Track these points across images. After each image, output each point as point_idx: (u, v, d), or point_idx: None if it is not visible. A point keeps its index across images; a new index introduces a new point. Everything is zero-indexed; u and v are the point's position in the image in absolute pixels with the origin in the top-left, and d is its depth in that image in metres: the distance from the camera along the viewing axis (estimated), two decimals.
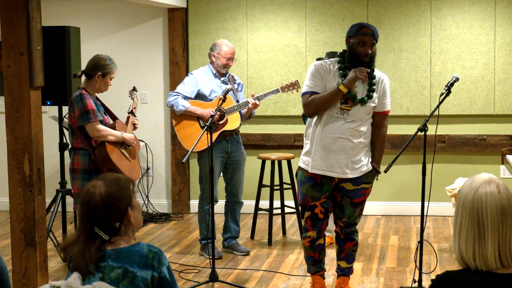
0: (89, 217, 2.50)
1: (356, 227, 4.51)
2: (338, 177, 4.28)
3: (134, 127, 5.01)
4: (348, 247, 4.50)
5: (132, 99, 5.11)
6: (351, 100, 4.20)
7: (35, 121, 4.04)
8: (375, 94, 4.26)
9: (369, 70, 4.18)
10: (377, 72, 4.31)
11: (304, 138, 4.42)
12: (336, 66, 4.26)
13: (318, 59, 5.83)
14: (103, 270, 2.46)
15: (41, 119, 4.12)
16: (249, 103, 5.52)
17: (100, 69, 4.71)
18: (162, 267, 2.49)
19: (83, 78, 4.84)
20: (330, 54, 5.73)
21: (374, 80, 4.27)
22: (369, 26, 4.20)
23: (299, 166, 4.41)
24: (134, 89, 5.20)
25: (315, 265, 4.51)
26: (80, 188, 4.67)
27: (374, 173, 4.35)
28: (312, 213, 4.36)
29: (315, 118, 4.29)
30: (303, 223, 4.46)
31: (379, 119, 4.34)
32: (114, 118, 4.95)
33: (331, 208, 4.40)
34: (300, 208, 4.49)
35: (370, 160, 4.34)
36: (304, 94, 4.28)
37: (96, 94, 4.84)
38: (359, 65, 4.17)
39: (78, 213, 2.58)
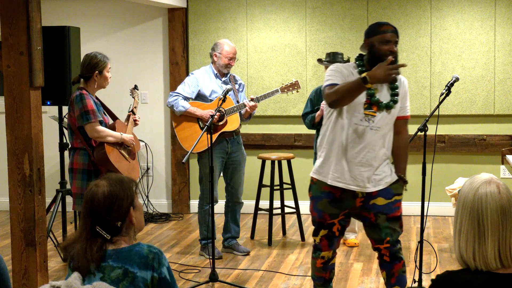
0: (91, 215, 2.51)
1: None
2: (361, 192, 3.83)
3: (135, 123, 4.99)
4: (397, 269, 4.01)
5: (133, 97, 5.09)
6: (375, 105, 3.76)
7: (35, 121, 4.04)
8: (399, 98, 3.86)
9: (403, 64, 3.68)
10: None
11: (319, 147, 3.95)
12: (357, 70, 3.82)
13: (318, 60, 5.84)
14: (104, 270, 2.46)
15: (41, 119, 4.12)
16: (246, 105, 5.52)
17: (95, 68, 4.69)
18: (162, 267, 2.49)
19: (81, 79, 4.83)
20: (331, 55, 5.73)
21: (396, 83, 3.86)
22: (390, 24, 3.83)
23: (314, 179, 3.93)
24: (136, 87, 5.17)
25: (324, 285, 4.11)
26: (80, 188, 4.66)
27: (402, 183, 3.92)
28: (330, 231, 3.92)
29: (333, 125, 3.85)
30: (315, 241, 4.01)
31: (400, 125, 3.92)
32: (114, 118, 4.94)
33: (347, 225, 3.99)
34: (314, 225, 3.99)
35: (393, 170, 3.92)
36: (325, 86, 3.77)
37: (96, 94, 4.83)
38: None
39: (81, 211, 2.58)
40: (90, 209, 2.52)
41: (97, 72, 4.69)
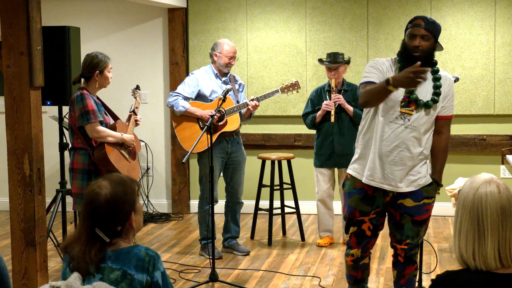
0: (91, 218, 2.49)
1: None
2: (392, 191, 3.79)
3: (136, 123, 4.99)
4: (409, 272, 3.96)
5: (135, 97, 5.09)
6: (413, 103, 3.67)
7: (35, 121, 4.04)
8: (440, 98, 3.73)
9: (427, 69, 3.51)
10: (441, 72, 3.79)
11: (356, 142, 3.92)
12: (396, 66, 3.76)
13: (319, 60, 5.84)
14: (103, 271, 2.45)
15: (41, 119, 4.12)
16: (248, 104, 5.52)
17: (96, 68, 4.69)
18: (155, 271, 2.46)
19: (82, 79, 4.84)
20: (332, 55, 5.73)
21: (440, 81, 3.72)
22: (424, 17, 3.71)
23: (348, 175, 3.91)
24: (137, 87, 5.17)
25: (356, 284, 4.06)
26: (80, 188, 4.66)
27: (435, 186, 3.81)
28: (359, 229, 3.86)
29: (369, 122, 3.80)
30: (346, 239, 3.99)
31: (440, 125, 3.79)
32: (115, 118, 4.94)
33: (381, 226, 3.90)
34: (345, 222, 4.00)
35: (429, 171, 3.82)
36: (361, 84, 3.74)
37: (98, 94, 4.83)
38: (410, 61, 3.60)
39: (81, 211, 2.55)
40: (90, 211, 2.49)
41: (98, 72, 4.69)
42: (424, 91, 3.70)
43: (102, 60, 4.71)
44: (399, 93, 3.67)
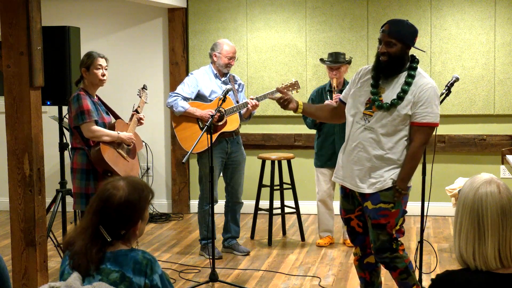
0: (99, 215, 2.50)
1: (397, 253, 3.84)
2: (355, 190, 3.83)
3: (140, 122, 4.97)
4: (395, 277, 3.91)
5: (140, 97, 5.09)
6: (374, 105, 3.73)
7: (35, 121, 4.04)
8: (403, 102, 3.68)
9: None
10: (420, 78, 3.73)
11: None
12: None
13: (320, 60, 5.84)
14: (102, 273, 2.47)
15: (41, 119, 4.12)
16: (248, 104, 5.52)
17: (82, 64, 4.70)
18: (154, 274, 2.49)
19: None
20: (333, 55, 5.73)
21: (408, 87, 3.70)
22: (392, 23, 3.77)
23: None
24: (144, 87, 5.17)
25: (366, 287, 4.07)
26: (79, 188, 4.66)
27: (392, 192, 3.75)
28: (349, 226, 3.97)
29: (347, 122, 3.91)
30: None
31: (412, 131, 3.73)
32: (116, 117, 4.93)
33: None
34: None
35: (394, 177, 3.76)
36: None
37: (98, 94, 4.83)
38: (378, 67, 3.74)
39: (90, 206, 2.55)
40: (101, 208, 2.51)
41: (84, 68, 4.69)
42: (391, 94, 3.72)
43: (88, 56, 4.69)
44: (365, 95, 3.77)
